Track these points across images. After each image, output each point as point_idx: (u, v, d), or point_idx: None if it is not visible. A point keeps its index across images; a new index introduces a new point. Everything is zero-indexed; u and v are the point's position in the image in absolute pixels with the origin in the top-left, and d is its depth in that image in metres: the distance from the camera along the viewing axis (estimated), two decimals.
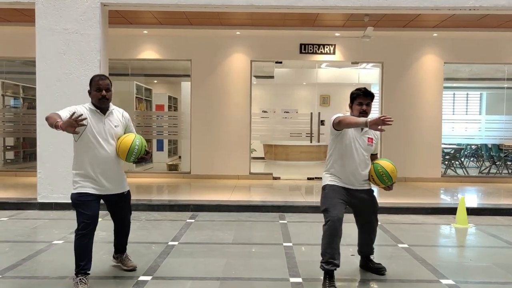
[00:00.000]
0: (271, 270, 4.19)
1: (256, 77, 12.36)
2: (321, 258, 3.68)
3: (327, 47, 9.85)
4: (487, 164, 11.48)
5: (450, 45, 9.81)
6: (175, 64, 11.19)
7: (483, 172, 11.29)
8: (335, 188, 3.79)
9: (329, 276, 3.60)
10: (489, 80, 13.15)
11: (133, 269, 4.04)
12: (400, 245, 5.00)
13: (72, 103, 3.95)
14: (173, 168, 10.92)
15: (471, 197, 8.12)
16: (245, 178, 9.90)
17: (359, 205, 3.88)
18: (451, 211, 6.73)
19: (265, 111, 13.03)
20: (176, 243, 5.08)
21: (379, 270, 4.04)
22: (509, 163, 11.04)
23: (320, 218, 6.45)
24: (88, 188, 3.58)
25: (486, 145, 11.50)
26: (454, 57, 9.89)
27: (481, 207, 6.72)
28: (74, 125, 3.25)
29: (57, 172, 6.76)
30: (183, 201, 7.07)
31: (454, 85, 13.32)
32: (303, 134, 11.42)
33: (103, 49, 6.90)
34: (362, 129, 3.77)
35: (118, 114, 3.82)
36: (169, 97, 13.63)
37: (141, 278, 3.89)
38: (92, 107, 3.66)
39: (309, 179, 10.11)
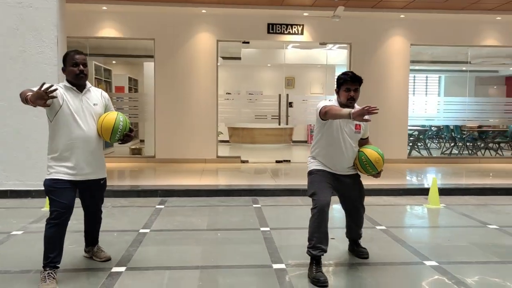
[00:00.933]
0: (252, 256, 4.01)
1: (223, 58, 12.03)
2: (307, 243, 3.53)
3: (295, 27, 9.66)
4: (450, 145, 11.74)
5: (417, 27, 9.84)
6: (137, 44, 10.70)
7: (445, 153, 11.54)
8: (321, 172, 3.64)
9: (316, 261, 3.46)
10: (451, 63, 13.41)
11: (107, 260, 3.77)
12: (378, 227, 4.95)
13: (26, 82, 3.61)
14: (136, 152, 10.51)
15: (439, 178, 8.23)
16: (213, 162, 9.66)
17: (345, 190, 3.74)
18: (422, 192, 6.79)
19: (229, 93, 12.75)
20: (147, 230, 4.81)
21: (360, 254, 3.96)
22: (469, 144, 11.31)
23: (294, 201, 6.42)
24: (64, 174, 3.26)
25: (448, 126, 11.73)
26: (420, 39, 9.93)
27: (451, 187, 6.79)
28: (44, 96, 2.92)
29: (12, 156, 6.29)
30: (151, 186, 6.77)
31: (416, 67, 13.50)
32: (269, 116, 11.27)
33: (60, 24, 6.42)
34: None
35: (96, 92, 3.51)
36: (130, 79, 13.11)
37: (114, 269, 3.63)
38: (68, 85, 3.33)
39: (277, 162, 9.98)
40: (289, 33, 9.70)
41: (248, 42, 9.94)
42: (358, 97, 3.61)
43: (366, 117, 3.14)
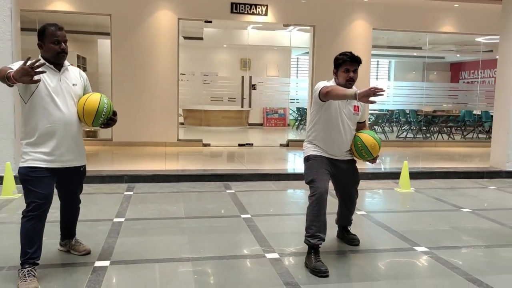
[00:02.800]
0: (241, 246, 3.86)
1: (185, 38, 11.58)
2: (305, 232, 3.41)
3: (259, 8, 9.42)
4: (405, 129, 12.07)
5: (379, 11, 9.91)
6: (87, 19, 10.03)
7: (400, 136, 11.84)
8: (319, 158, 3.51)
9: (314, 250, 3.35)
10: (405, 48, 13.71)
11: (87, 253, 3.47)
12: (358, 212, 4.92)
13: None
14: (91, 134, 9.94)
15: (401, 162, 8.39)
16: (173, 145, 9.33)
17: (341, 175, 3.64)
18: (390, 175, 6.89)
19: (183, 74, 12.35)
20: (122, 219, 4.52)
21: (351, 241, 3.91)
22: (424, 128, 11.67)
23: (267, 186, 6.30)
24: (41, 162, 2.92)
25: (404, 110, 12.04)
26: (382, 23, 10.03)
27: (418, 171, 6.93)
28: (30, 72, 2.57)
29: None
30: (116, 171, 6.40)
31: (374, 52, 13.69)
32: (225, 98, 11.04)
33: None
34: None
35: (75, 71, 3.16)
36: (78, 57, 12.33)
37: (98, 263, 3.34)
38: (44, 62, 2.95)
39: (240, 145, 9.81)
40: (253, 13, 9.46)
41: (210, 22, 9.60)
42: (357, 78, 3.49)
43: (371, 98, 3.03)
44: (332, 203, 4.06)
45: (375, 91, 2.98)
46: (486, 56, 13.36)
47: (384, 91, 3.03)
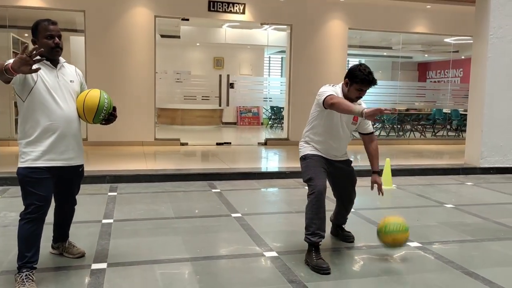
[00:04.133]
0: (238, 245, 3.83)
1: (162, 36, 11.39)
2: (305, 230, 3.42)
3: (236, 6, 9.39)
4: (381, 127, 12.29)
5: (355, 11, 10.05)
6: (59, 15, 9.72)
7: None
8: (316, 157, 3.53)
9: (315, 248, 3.37)
10: (379, 48, 13.97)
11: (81, 256, 3.37)
12: None
13: None
14: None
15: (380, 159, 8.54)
16: (150, 145, 9.18)
17: (338, 174, 3.68)
18: (370, 173, 6.98)
19: (156, 72, 12.16)
20: (111, 220, 4.41)
21: (346, 238, 3.95)
22: (398, 126, 11.93)
23: (251, 185, 6.29)
24: (42, 161, 2.80)
25: None
26: (358, 23, 10.18)
27: (397, 168, 7.06)
28: (29, 61, 2.46)
29: None
30: (98, 171, 6.23)
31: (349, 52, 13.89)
32: (199, 97, 10.96)
33: None
34: None
35: (70, 68, 3.07)
36: None
37: (94, 266, 3.25)
38: (42, 49, 2.84)
39: (218, 144, 9.75)
40: (230, 12, 9.42)
41: (187, 19, 9.48)
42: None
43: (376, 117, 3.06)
44: (326, 201, 4.08)
45: (383, 111, 2.98)
46: (453, 56, 13.79)
47: (394, 112, 3.06)
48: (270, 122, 15.27)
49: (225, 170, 6.74)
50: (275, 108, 14.62)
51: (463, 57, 14.45)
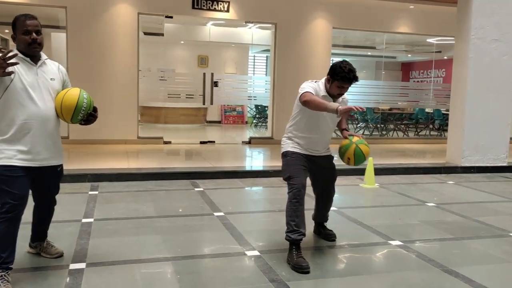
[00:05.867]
0: (219, 244, 3.80)
1: (145, 34, 11.28)
2: (285, 228, 3.41)
3: (221, 4, 9.33)
4: (364, 127, 12.37)
5: (339, 10, 10.08)
6: (42, 11, 9.57)
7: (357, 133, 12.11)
8: (296, 154, 3.52)
9: (296, 246, 3.36)
10: (363, 48, 14.05)
11: (60, 256, 3.30)
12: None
13: None
14: None
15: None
16: (133, 143, 9.08)
17: (319, 171, 3.67)
18: (355, 172, 7.00)
19: (139, 70, 12.05)
20: (91, 220, 4.34)
21: (328, 236, 3.95)
22: (381, 125, 12.01)
23: (235, 184, 6.26)
24: (17, 160, 2.74)
25: None
26: (342, 22, 10.21)
27: (380, 167, 7.09)
28: (2, 64, 2.40)
29: None
30: (78, 170, 6.14)
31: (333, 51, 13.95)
32: (183, 95, 10.91)
33: None
34: (334, 100, 3.50)
35: (53, 66, 3.00)
36: None
37: (73, 266, 3.19)
38: (20, 55, 2.76)
39: (202, 143, 9.69)
40: (214, 10, 9.35)
41: (171, 17, 9.40)
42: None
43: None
44: (308, 200, 4.08)
45: (357, 109, 3.13)
46: (436, 57, 13.96)
47: (365, 110, 3.16)
48: (254, 121, 15.25)
49: (208, 169, 6.70)
50: (259, 107, 14.61)
51: (445, 57, 14.63)
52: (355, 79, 3.36)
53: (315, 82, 3.49)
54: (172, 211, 4.78)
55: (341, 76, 3.31)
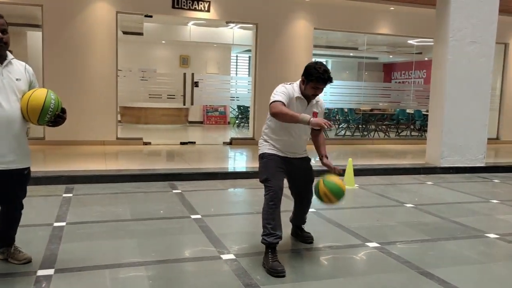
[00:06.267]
0: (195, 248, 3.74)
1: (124, 33, 11.13)
2: (262, 231, 3.36)
3: (201, 4, 9.25)
4: (345, 127, 12.40)
5: (320, 11, 10.07)
6: (17, 10, 9.37)
7: (339, 134, 12.15)
8: (273, 157, 3.47)
9: (271, 249, 3.31)
10: (345, 49, 14.08)
11: (28, 262, 3.20)
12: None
13: None
14: None
15: (342, 159, 8.58)
16: (112, 144, 8.94)
17: (295, 173, 3.63)
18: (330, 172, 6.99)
19: (119, 70, 11.89)
20: (63, 223, 4.23)
21: (306, 239, 3.91)
22: (362, 126, 12.05)
23: (214, 185, 6.19)
24: None
25: (342, 109, 12.36)
26: (323, 23, 10.20)
27: (360, 168, 7.10)
28: None
29: None
30: (53, 172, 6.00)
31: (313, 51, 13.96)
32: (164, 95, 10.80)
33: None
34: (308, 103, 3.46)
35: (19, 66, 2.91)
36: None
37: (40, 272, 3.09)
38: None
39: (182, 143, 9.59)
40: (195, 9, 9.26)
41: (151, 16, 9.28)
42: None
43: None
44: (286, 202, 4.04)
45: (328, 126, 3.14)
46: (417, 58, 14.07)
47: (332, 127, 3.14)
48: (237, 121, 15.19)
49: (187, 170, 6.62)
50: (242, 108, 14.55)
51: (426, 58, 14.75)
52: (330, 80, 3.33)
53: (290, 84, 3.45)
54: (148, 214, 4.69)
55: (315, 77, 3.28)
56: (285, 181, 3.59)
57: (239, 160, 8.59)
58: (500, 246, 3.99)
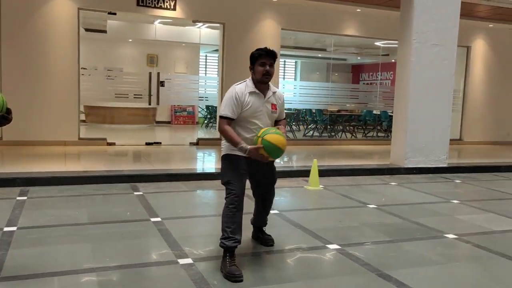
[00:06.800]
0: (151, 252, 3.63)
1: (87, 30, 10.84)
2: (221, 234, 3.28)
3: (167, 2, 9.09)
4: (311, 127, 12.43)
5: (287, 11, 10.06)
6: None
7: (307, 135, 12.18)
8: (236, 158, 3.39)
9: (230, 254, 3.23)
10: (314, 49, 14.13)
11: None
12: (271, 212, 4.86)
13: None
14: None
15: (309, 160, 8.58)
16: (74, 144, 8.68)
17: (258, 175, 3.57)
18: (300, 173, 7.00)
19: (84, 68, 11.58)
20: (14, 228, 4.04)
21: (266, 241, 3.86)
22: (330, 127, 12.11)
23: (177, 187, 6.07)
24: None
25: (310, 110, 12.40)
26: (290, 24, 10.19)
27: (325, 169, 7.10)
28: None
29: None
30: (7, 174, 5.76)
31: (281, 52, 13.95)
32: (131, 95, 10.58)
33: None
34: (265, 96, 3.42)
35: None
36: None
37: None
38: None
39: (147, 144, 9.41)
40: (160, 7, 9.10)
41: (114, 14, 9.06)
42: (273, 73, 3.43)
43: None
44: (248, 203, 3.97)
45: (264, 159, 3.23)
46: (384, 59, 14.26)
47: (270, 160, 3.37)
48: (205, 122, 15.06)
49: (150, 171, 6.47)
50: (210, 108, 14.42)
51: (393, 60, 14.97)
52: (272, 51, 3.39)
53: (243, 82, 3.41)
54: (106, 217, 4.54)
55: (258, 54, 3.37)
56: (247, 183, 3.54)
57: (204, 161, 8.48)
58: (458, 247, 4.03)
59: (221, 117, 3.32)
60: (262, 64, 3.36)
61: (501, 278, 3.34)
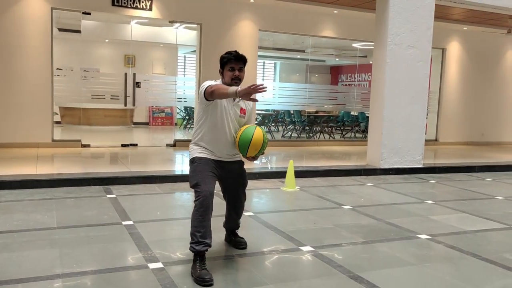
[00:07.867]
0: (121, 257, 3.55)
1: (60, 30, 10.62)
2: (190, 238, 3.23)
3: (143, 2, 8.99)
4: (290, 128, 12.43)
5: (265, 12, 10.05)
6: None
7: (285, 136, 12.19)
8: (204, 161, 3.35)
9: (200, 258, 3.18)
10: (292, 51, 14.15)
11: None
12: (246, 213, 4.85)
13: None
14: None
15: (286, 161, 8.57)
16: (47, 146, 8.50)
17: (228, 178, 3.52)
18: (277, 175, 6.98)
19: (60, 69, 11.36)
20: None
21: (238, 244, 3.81)
22: (308, 128, 12.14)
23: (151, 189, 5.99)
24: None
25: (288, 111, 12.41)
26: (268, 25, 10.18)
27: (302, 170, 7.10)
28: None
29: None
30: None
31: (260, 53, 13.93)
32: (108, 96, 10.43)
33: None
34: (234, 99, 3.38)
35: None
36: None
37: None
38: None
39: (123, 146, 9.27)
40: (136, 8, 8.99)
41: (89, 13, 8.91)
42: (244, 77, 3.40)
43: (253, 96, 2.99)
44: (220, 206, 3.94)
45: (256, 88, 2.93)
46: (361, 61, 14.36)
47: (266, 87, 2.98)
48: (184, 123, 14.94)
49: (124, 173, 6.36)
50: (188, 109, 14.32)
51: (370, 62, 15.10)
52: (241, 55, 3.35)
53: (215, 81, 3.39)
54: (76, 221, 4.43)
55: (227, 58, 3.33)
56: (217, 186, 3.49)
57: (180, 163, 8.39)
58: (430, 247, 4.06)
59: (206, 88, 3.21)
60: (231, 69, 3.33)
61: (472, 278, 3.37)
